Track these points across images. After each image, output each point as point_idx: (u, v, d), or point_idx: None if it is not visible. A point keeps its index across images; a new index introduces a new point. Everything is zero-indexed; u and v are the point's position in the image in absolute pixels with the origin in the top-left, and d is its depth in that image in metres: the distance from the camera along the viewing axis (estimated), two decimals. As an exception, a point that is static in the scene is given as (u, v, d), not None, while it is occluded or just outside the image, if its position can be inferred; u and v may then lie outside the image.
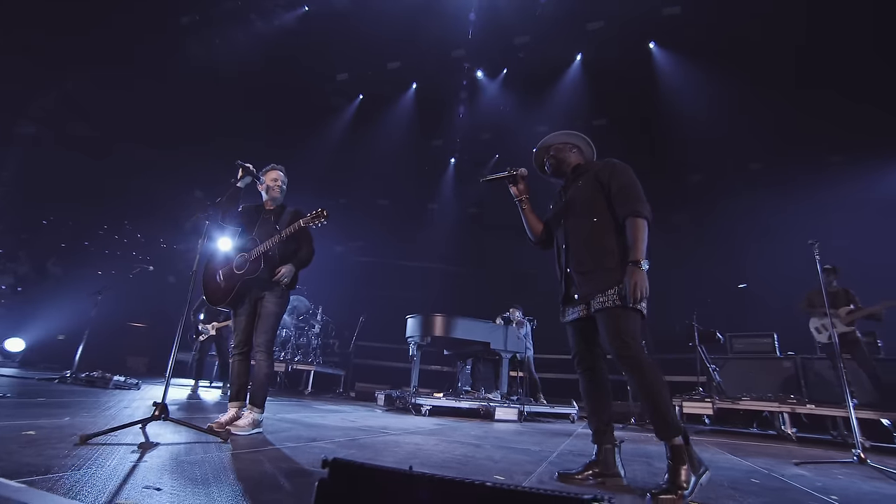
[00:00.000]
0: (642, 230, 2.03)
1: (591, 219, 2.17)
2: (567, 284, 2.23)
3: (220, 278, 2.97)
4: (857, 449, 2.83)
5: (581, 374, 2.23)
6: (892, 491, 2.30)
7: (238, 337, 2.90)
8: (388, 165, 10.42)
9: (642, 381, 1.90)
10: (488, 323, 6.32)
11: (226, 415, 2.73)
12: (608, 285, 2.01)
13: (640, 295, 1.91)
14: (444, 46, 9.08)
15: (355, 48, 8.97)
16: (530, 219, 2.50)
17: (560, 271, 2.30)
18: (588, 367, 2.20)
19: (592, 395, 2.19)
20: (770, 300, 6.48)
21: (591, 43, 8.47)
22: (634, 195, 2.12)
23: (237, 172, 2.99)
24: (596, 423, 2.14)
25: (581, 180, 2.32)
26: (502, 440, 3.37)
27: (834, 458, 3.16)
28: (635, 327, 1.96)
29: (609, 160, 2.33)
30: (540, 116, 9.77)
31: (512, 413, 5.35)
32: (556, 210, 2.42)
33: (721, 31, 7.09)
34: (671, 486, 1.75)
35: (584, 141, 2.51)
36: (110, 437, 2.06)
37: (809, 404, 4.84)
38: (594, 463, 2.05)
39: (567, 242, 2.25)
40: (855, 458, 2.80)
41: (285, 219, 3.04)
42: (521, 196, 2.51)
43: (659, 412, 1.87)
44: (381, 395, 6.28)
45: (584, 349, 2.21)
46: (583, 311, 2.12)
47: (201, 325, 6.24)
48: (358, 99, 10.11)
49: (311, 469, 1.84)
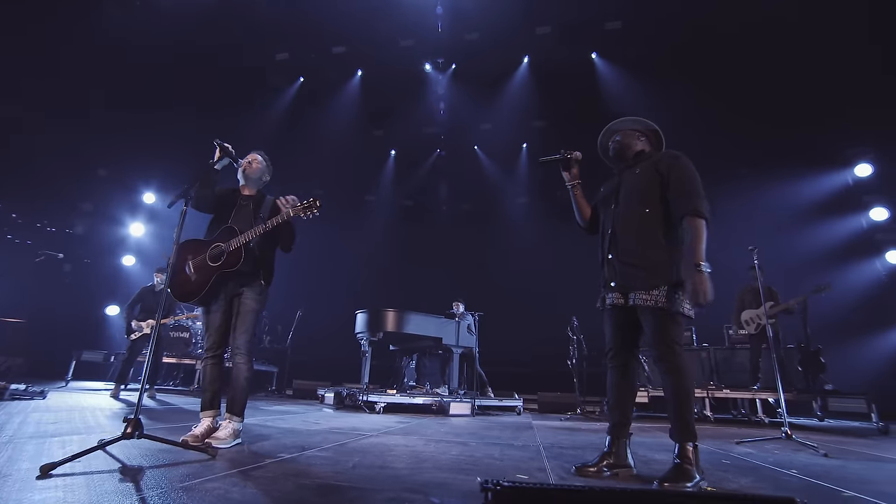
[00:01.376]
0: (702, 230, 1.98)
1: (644, 209, 2.13)
2: (608, 270, 2.23)
3: (190, 270, 2.62)
4: (784, 427, 3.31)
5: (613, 369, 2.24)
6: (823, 461, 2.72)
7: (211, 338, 2.59)
8: (327, 153, 9.95)
9: (678, 385, 1.97)
10: (440, 318, 6.34)
11: (199, 426, 2.43)
12: (654, 283, 2.02)
13: (702, 300, 1.88)
14: (394, 35, 8.85)
15: (298, 27, 8.41)
16: (581, 203, 2.51)
17: (601, 256, 2.28)
18: (622, 362, 2.23)
19: (620, 390, 2.22)
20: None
21: (538, 47, 8.76)
22: (696, 192, 2.05)
23: (214, 154, 2.64)
24: (618, 417, 2.19)
25: (639, 168, 2.27)
26: (480, 436, 3.41)
27: (766, 436, 3.64)
28: (680, 332, 2.04)
29: (672, 151, 2.27)
30: (485, 114, 9.95)
31: (465, 408, 5.42)
32: (607, 194, 2.39)
33: (658, 46, 7.77)
34: (680, 476, 1.87)
35: (653, 131, 2.44)
36: (76, 465, 1.74)
37: (725, 389, 5.53)
38: (607, 454, 2.13)
39: (614, 229, 2.22)
40: (783, 435, 3.27)
41: (267, 207, 2.76)
42: (573, 181, 2.51)
43: (684, 416, 1.96)
44: (328, 393, 6.01)
45: (619, 344, 2.22)
46: (618, 299, 2.14)
47: (135, 322, 5.49)
48: (298, 81, 9.48)
49: (340, 484, 1.71)
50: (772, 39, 7.21)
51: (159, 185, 9.45)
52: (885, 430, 4.64)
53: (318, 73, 9.40)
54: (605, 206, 2.37)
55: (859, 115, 7.28)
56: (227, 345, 2.62)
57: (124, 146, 8.69)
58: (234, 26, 8.22)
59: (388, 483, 1.75)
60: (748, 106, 7.73)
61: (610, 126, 2.52)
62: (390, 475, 1.89)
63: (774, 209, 8.16)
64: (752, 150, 8.02)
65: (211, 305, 2.63)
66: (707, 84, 7.71)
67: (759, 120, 7.73)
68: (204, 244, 2.66)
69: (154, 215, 9.49)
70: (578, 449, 2.96)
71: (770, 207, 8.15)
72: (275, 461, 2.06)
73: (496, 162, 10.67)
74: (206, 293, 2.57)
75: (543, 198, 10.09)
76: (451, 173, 11.05)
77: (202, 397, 2.56)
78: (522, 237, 9.92)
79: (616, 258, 2.17)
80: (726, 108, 7.74)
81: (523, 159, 10.52)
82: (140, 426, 1.97)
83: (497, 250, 9.95)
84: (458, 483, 1.81)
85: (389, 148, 11.07)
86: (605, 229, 2.30)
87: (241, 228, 2.61)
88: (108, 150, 8.73)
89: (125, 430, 1.94)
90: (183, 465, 1.87)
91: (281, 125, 9.36)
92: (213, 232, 2.75)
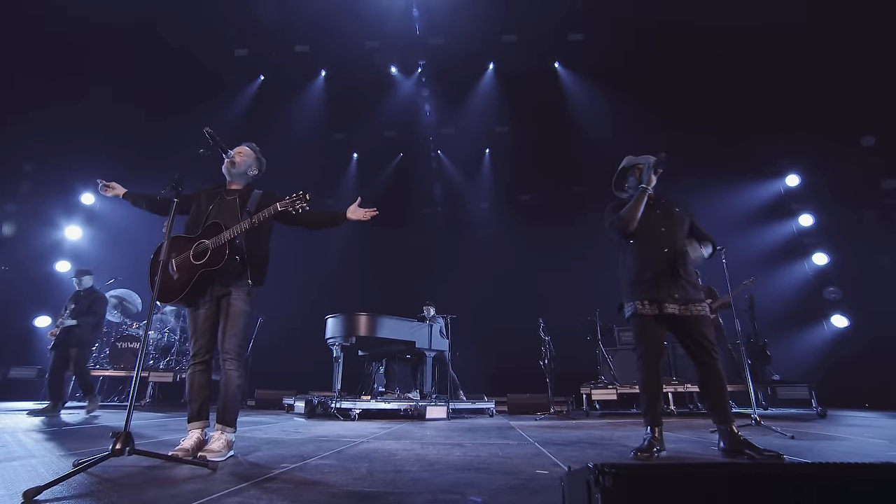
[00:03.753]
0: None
1: (684, 240, 2.68)
2: (670, 282, 2.55)
3: (172, 269, 2.41)
4: (754, 414, 3.56)
5: (656, 370, 2.55)
6: (792, 442, 2.96)
7: (198, 342, 2.40)
8: (288, 155, 9.59)
9: (721, 378, 2.43)
10: (412, 322, 6.27)
11: (188, 439, 2.23)
12: (701, 297, 2.58)
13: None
14: (359, 36, 8.73)
15: (259, 23, 8.08)
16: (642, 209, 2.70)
17: (658, 267, 2.58)
18: (661, 362, 2.60)
19: (660, 386, 2.61)
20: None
21: (503, 54, 8.95)
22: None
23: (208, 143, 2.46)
24: (661, 408, 2.59)
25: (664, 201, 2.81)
26: (470, 438, 3.39)
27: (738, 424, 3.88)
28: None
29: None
30: (450, 119, 10.01)
31: (441, 411, 5.38)
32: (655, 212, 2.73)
33: (615, 58, 8.19)
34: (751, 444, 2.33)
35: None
36: (62, 488, 1.54)
37: (687, 384, 5.86)
38: (656, 440, 2.44)
39: (671, 247, 2.61)
40: (752, 422, 3.52)
41: (255, 202, 2.60)
42: (651, 185, 2.73)
43: (726, 403, 2.43)
44: (297, 402, 5.74)
45: (661, 345, 2.61)
46: (678, 309, 2.51)
47: (59, 319, 4.98)
48: (258, 80, 9.08)
49: (371, 490, 1.63)
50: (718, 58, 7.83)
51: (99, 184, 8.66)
52: (824, 413, 5.11)
53: (279, 72, 9.05)
54: (657, 222, 2.71)
55: (789, 129, 8.04)
56: (214, 350, 2.43)
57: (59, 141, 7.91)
58: (188, 16, 7.76)
59: (417, 486, 1.69)
60: (693, 118, 8.31)
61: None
62: (412, 478, 1.83)
63: (715, 216, 8.80)
64: (696, 160, 8.62)
65: (196, 307, 2.43)
66: (658, 96, 8.22)
67: (703, 132, 8.33)
68: (188, 241, 2.46)
69: (93, 217, 8.67)
70: (573, 444, 3.02)
71: (711, 214, 8.76)
72: (282, 472, 1.93)
73: (459, 167, 10.75)
74: (189, 293, 2.37)
75: (506, 202, 10.28)
76: (415, 177, 11.00)
77: (189, 407, 2.35)
78: (485, 241, 10.04)
79: (682, 276, 2.57)
80: (673, 119, 8.28)
81: (486, 164, 10.66)
82: (130, 441, 1.78)
83: (458, 254, 10.00)
84: (483, 481, 1.78)
85: (352, 151, 10.85)
86: (662, 244, 2.63)
87: (227, 224, 2.45)
88: (37, 144, 7.91)
89: (114, 446, 1.74)
90: (185, 482, 1.71)
91: (239, 124, 8.90)
92: (192, 231, 2.56)
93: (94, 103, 7.87)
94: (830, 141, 7.91)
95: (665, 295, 2.53)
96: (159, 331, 6.73)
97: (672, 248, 2.60)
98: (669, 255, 2.58)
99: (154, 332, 6.67)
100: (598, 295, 7.45)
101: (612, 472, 0.82)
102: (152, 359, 6.58)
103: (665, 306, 2.52)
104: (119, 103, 7.89)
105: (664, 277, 2.56)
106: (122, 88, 8.01)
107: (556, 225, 9.28)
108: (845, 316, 7.64)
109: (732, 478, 0.78)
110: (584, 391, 5.99)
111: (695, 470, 0.80)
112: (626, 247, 2.77)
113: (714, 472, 0.79)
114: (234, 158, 2.71)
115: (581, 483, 0.91)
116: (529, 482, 1.78)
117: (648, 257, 2.63)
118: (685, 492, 0.82)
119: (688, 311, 2.50)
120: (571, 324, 7.15)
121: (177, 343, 6.76)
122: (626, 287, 2.72)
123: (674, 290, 2.52)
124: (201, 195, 2.67)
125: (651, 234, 2.66)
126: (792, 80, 7.63)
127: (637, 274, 2.63)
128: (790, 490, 0.81)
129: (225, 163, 2.68)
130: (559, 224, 9.28)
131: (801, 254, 8.54)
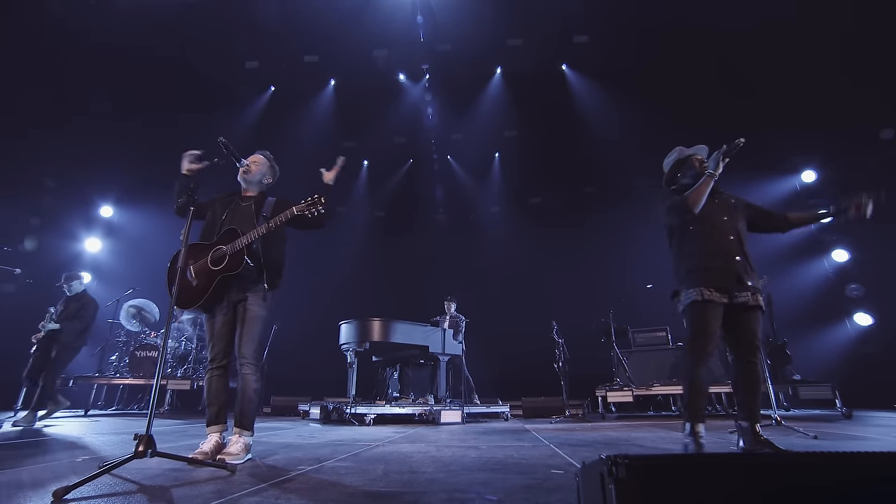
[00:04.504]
0: None
1: (744, 230, 2.63)
2: (742, 270, 2.48)
3: (191, 275, 2.46)
4: (774, 414, 3.49)
5: (703, 363, 2.41)
6: (817, 442, 2.90)
7: (216, 347, 2.44)
8: (299, 164, 9.72)
9: (760, 377, 2.38)
10: (426, 326, 6.27)
11: (207, 443, 2.27)
12: (760, 289, 2.48)
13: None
14: (367, 44, 8.84)
15: (268, 35, 8.25)
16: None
17: (728, 254, 2.51)
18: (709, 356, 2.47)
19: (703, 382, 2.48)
20: (661, 298, 7.56)
21: (510, 58, 8.97)
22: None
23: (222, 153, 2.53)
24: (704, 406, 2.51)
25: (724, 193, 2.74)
26: (485, 440, 3.38)
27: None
28: None
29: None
30: (458, 124, 10.06)
31: (456, 416, 5.37)
32: (713, 202, 2.64)
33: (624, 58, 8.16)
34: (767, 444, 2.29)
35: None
36: (86, 489, 1.58)
37: (704, 385, 5.75)
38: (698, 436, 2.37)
39: (736, 237, 2.56)
40: (773, 422, 3.45)
41: (269, 207, 2.65)
42: (719, 171, 2.61)
43: (759, 402, 2.37)
44: (313, 409, 5.78)
45: (718, 339, 2.47)
46: (748, 298, 2.43)
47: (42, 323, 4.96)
48: (269, 90, 9.25)
49: (388, 490, 1.65)
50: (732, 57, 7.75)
51: (117, 197, 8.89)
52: (850, 414, 4.97)
53: (289, 83, 9.21)
54: (721, 210, 2.65)
55: (806, 125, 7.90)
56: (232, 355, 2.47)
57: (77, 155, 8.14)
58: (200, 32, 7.95)
59: (432, 486, 1.70)
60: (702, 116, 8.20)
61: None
62: (427, 479, 1.84)
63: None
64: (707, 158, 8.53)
65: (214, 313, 2.48)
66: (666, 95, 8.15)
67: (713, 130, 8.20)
68: (206, 248, 2.52)
69: (112, 229, 8.89)
70: (588, 445, 2.99)
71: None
72: (300, 473, 1.96)
73: (469, 171, 10.78)
74: (208, 298, 2.43)
75: (516, 205, 10.27)
76: (425, 183, 11.06)
77: (208, 412, 2.40)
78: (496, 244, 10.02)
79: (746, 262, 2.51)
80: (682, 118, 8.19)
81: (495, 168, 10.68)
82: (153, 443, 1.82)
83: (470, 258, 10.01)
84: (499, 481, 1.78)
85: (362, 158, 10.96)
86: (727, 231, 2.58)
87: (243, 230, 2.50)
88: (58, 160, 8.14)
89: (136, 448, 1.78)
90: (205, 483, 1.74)
91: (250, 135, 9.06)
92: (207, 238, 2.62)
93: (109, 118, 8.09)
94: (846, 135, 7.76)
95: (735, 283, 2.45)
96: (176, 339, 6.85)
97: (738, 237, 2.56)
98: (736, 243, 2.54)
99: (171, 341, 6.78)
100: (611, 296, 7.42)
101: (626, 462, 0.82)
102: (170, 367, 6.69)
103: (736, 295, 2.44)
104: (132, 118, 8.09)
105: (734, 265, 2.48)
106: (136, 103, 8.22)
107: (567, 226, 9.24)
108: (868, 313, 7.45)
109: (748, 468, 0.78)
110: (600, 393, 5.93)
111: (710, 460, 0.80)
112: (684, 234, 2.65)
113: (730, 463, 0.78)
114: (249, 167, 2.77)
115: (595, 476, 0.91)
116: (545, 481, 1.77)
117: (717, 243, 2.54)
118: (700, 483, 0.81)
119: (755, 301, 2.43)
120: (585, 326, 7.09)
121: (194, 351, 6.87)
122: (688, 274, 2.56)
123: (745, 277, 2.46)
124: (216, 202, 2.73)
125: (716, 221, 2.59)
126: (803, 74, 7.52)
127: (704, 260, 2.51)
128: (807, 481, 0.81)
129: (240, 171, 2.74)
130: (570, 225, 9.24)
131: (821, 251, 8.36)
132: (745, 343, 2.40)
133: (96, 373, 6.80)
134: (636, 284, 7.24)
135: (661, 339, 6.96)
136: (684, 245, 2.64)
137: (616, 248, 8.69)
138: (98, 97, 8.04)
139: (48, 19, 7.12)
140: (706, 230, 2.57)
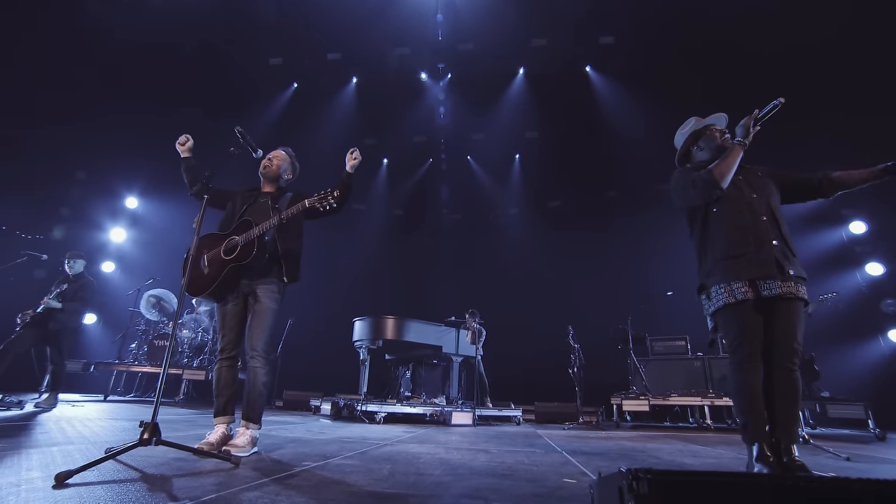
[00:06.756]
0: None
1: (779, 208, 2.17)
2: (781, 255, 2.03)
3: (204, 264, 2.46)
4: (802, 431, 3.31)
5: (755, 368, 1.99)
6: (849, 464, 2.72)
7: (225, 338, 2.43)
8: (320, 160, 9.80)
9: (799, 390, 1.94)
10: (440, 326, 6.22)
11: (213, 434, 2.26)
12: (805, 277, 2.02)
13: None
14: (389, 43, 8.85)
15: (292, 32, 8.32)
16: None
17: (760, 238, 2.06)
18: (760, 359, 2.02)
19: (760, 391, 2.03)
20: (681, 306, 7.33)
21: (533, 58, 8.86)
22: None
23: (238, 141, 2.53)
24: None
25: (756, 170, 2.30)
26: (496, 444, 3.30)
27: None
28: None
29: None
30: (479, 124, 9.99)
31: (467, 418, 5.29)
32: (738, 178, 2.21)
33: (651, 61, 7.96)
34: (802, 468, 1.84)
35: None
36: (89, 474, 1.57)
37: (725, 398, 5.55)
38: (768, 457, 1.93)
39: (770, 216, 2.11)
40: (801, 440, 3.27)
41: (285, 201, 2.64)
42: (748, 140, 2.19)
43: (798, 420, 1.98)
44: (324, 404, 5.78)
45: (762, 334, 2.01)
46: (788, 289, 1.97)
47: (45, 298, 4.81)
48: (292, 87, 9.35)
49: (393, 491, 1.59)
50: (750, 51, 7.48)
51: (142, 189, 9.09)
52: (883, 437, 4.71)
53: (312, 79, 9.28)
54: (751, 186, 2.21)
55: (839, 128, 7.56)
56: (241, 346, 2.46)
57: (106, 148, 8.36)
58: (225, 28, 8.08)
59: (438, 489, 1.64)
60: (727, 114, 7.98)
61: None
62: (435, 482, 1.78)
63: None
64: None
65: (224, 302, 2.47)
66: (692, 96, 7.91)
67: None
68: (221, 237, 2.53)
69: (136, 220, 9.10)
70: (602, 454, 2.88)
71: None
72: (304, 469, 1.92)
73: (489, 172, 10.70)
74: (218, 287, 2.42)
75: (535, 207, 10.15)
76: (444, 183, 11.02)
77: (216, 402, 2.38)
78: (514, 246, 9.92)
79: (786, 246, 2.07)
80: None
81: (516, 169, 10.57)
82: (157, 431, 1.80)
83: (487, 259, 9.92)
84: (508, 488, 1.71)
85: (382, 157, 10.98)
86: (758, 210, 2.12)
87: (257, 221, 2.49)
88: (88, 153, 8.37)
89: (141, 435, 1.77)
90: (208, 475, 1.71)
91: (272, 130, 9.16)
92: (225, 229, 2.62)
93: (136, 112, 8.27)
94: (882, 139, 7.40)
95: (776, 272, 2.01)
96: (193, 330, 6.94)
97: (772, 216, 2.11)
98: (772, 224, 2.09)
99: (188, 331, 6.88)
100: (630, 302, 7.24)
101: (648, 477, 0.75)
102: (186, 357, 6.79)
103: (774, 286, 1.99)
104: (158, 112, 8.25)
105: (771, 251, 2.04)
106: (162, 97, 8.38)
107: (588, 230, 9.07)
108: (905, 331, 7.09)
109: (779, 490, 0.69)
110: (615, 401, 5.78)
111: (737, 479, 0.72)
112: (706, 217, 2.23)
113: (757, 483, 0.70)
114: (270, 161, 2.78)
115: (613, 489, 0.83)
116: (556, 490, 1.69)
117: (747, 226, 2.09)
118: (725, 502, 0.73)
119: (799, 292, 1.99)
120: (602, 331, 6.93)
121: (209, 343, 6.95)
122: (714, 265, 2.13)
123: (786, 265, 2.01)
124: (237, 195, 2.74)
125: (745, 200, 2.15)
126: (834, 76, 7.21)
127: (733, 246, 2.08)
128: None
129: (260, 165, 2.74)
130: (591, 229, 9.07)
131: (853, 263, 8.00)
132: (783, 345, 1.95)
133: (116, 360, 6.95)
134: (656, 291, 7.04)
135: (680, 348, 6.76)
136: (708, 230, 2.21)
137: (637, 253, 8.49)
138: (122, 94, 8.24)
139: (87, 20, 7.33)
140: (733, 211, 2.14)
